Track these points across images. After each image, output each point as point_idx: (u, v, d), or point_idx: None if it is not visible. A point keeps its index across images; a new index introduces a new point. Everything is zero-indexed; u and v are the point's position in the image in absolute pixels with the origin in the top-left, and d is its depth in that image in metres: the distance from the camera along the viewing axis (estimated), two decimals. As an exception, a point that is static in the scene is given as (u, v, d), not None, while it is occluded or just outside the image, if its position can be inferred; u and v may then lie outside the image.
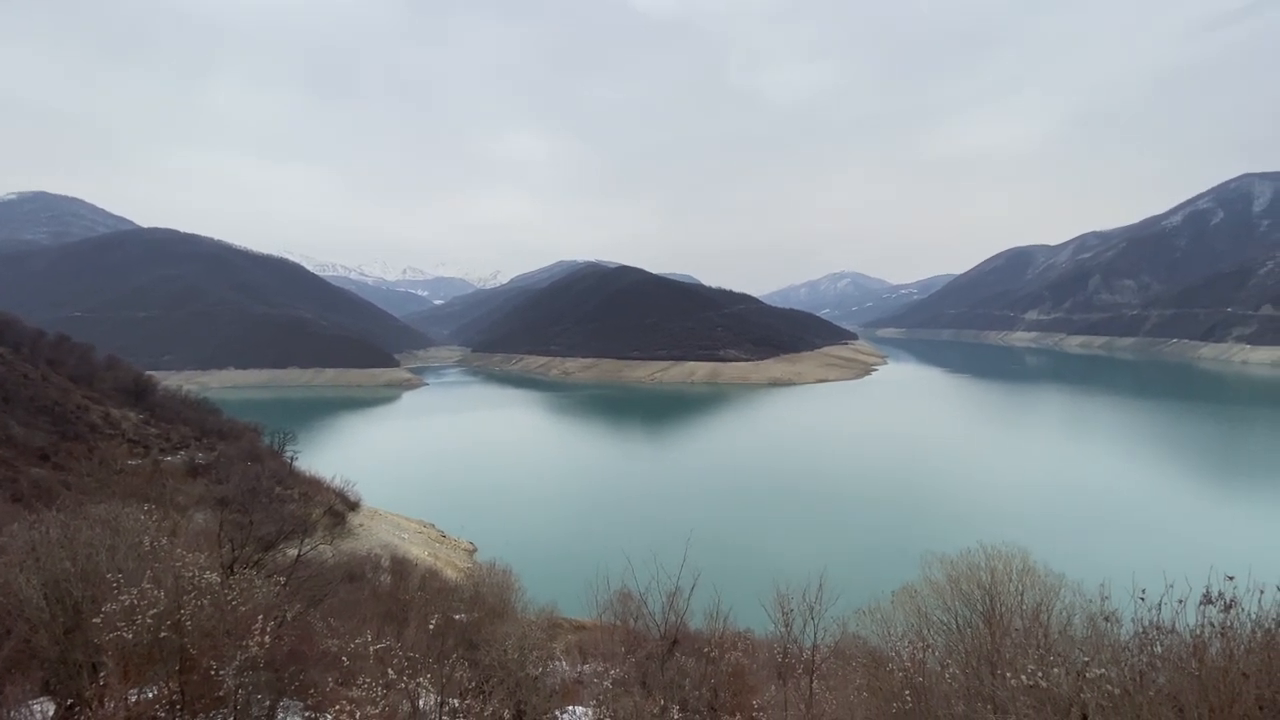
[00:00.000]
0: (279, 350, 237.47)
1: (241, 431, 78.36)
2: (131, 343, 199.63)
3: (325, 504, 59.00)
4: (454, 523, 72.72)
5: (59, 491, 35.02)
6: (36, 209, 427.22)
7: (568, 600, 33.71)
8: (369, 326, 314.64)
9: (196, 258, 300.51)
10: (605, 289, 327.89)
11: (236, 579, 10.40)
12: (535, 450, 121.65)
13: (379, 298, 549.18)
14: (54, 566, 9.77)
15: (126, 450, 61.36)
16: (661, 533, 54.56)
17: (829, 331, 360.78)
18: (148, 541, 10.98)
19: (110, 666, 8.20)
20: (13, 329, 77.85)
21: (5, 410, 59.25)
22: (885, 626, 14.82)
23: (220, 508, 33.70)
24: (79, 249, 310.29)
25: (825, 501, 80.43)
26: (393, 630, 14.86)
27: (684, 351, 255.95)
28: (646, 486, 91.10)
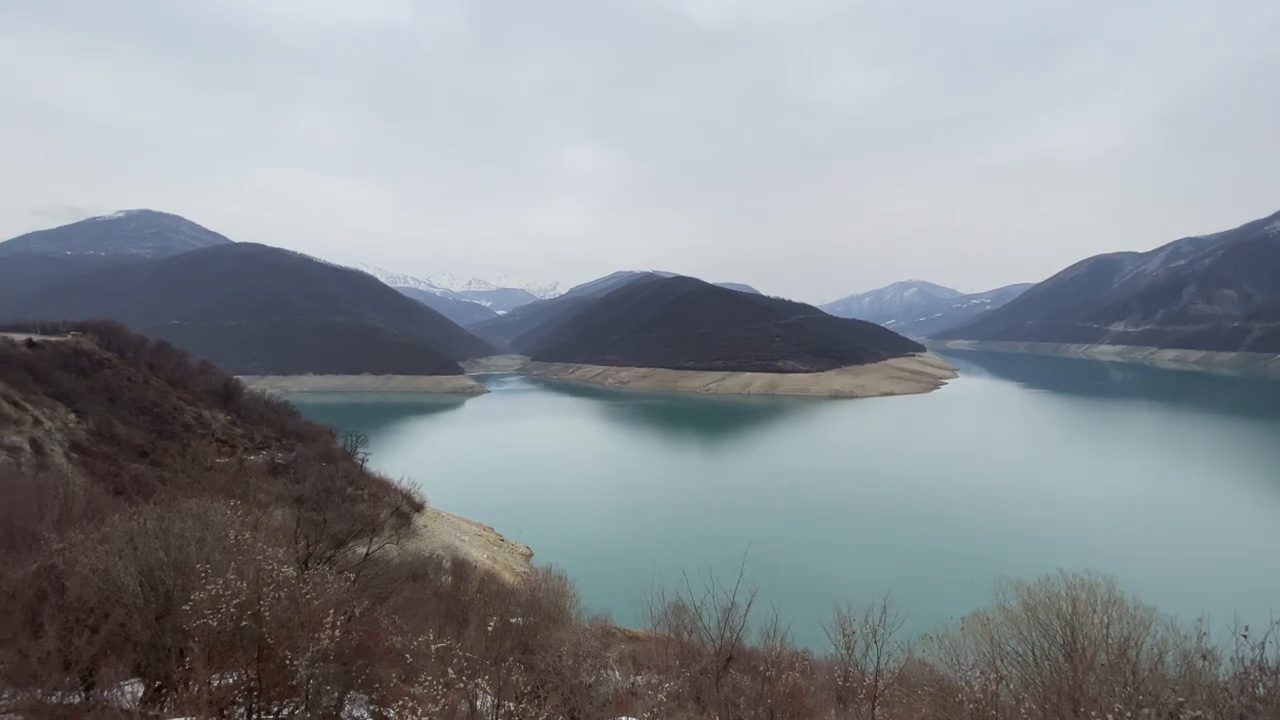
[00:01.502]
0: (354, 357, 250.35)
1: (318, 433, 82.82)
2: (222, 349, 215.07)
3: (392, 505, 61.41)
4: (511, 527, 74.20)
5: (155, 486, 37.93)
6: (142, 226, 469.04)
7: (621, 610, 33.68)
8: (436, 336, 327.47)
9: (281, 270, 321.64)
10: (661, 299, 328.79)
11: (310, 574, 10.95)
12: (590, 458, 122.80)
13: (446, 308, 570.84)
14: (149, 556, 10.57)
15: (215, 449, 65.92)
16: (717, 546, 53.79)
17: (894, 343, 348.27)
18: (232, 535, 11.73)
19: (196, 652, 8.77)
20: (119, 336, 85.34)
21: (111, 410, 64.90)
22: (954, 654, 14.04)
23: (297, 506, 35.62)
24: (178, 262, 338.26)
25: (890, 522, 77.29)
26: (453, 630, 15.25)
27: (740, 362, 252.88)
28: (701, 499, 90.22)
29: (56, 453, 53.13)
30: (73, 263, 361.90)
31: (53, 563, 11.10)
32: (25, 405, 56.29)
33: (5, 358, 61.67)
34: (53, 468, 48.09)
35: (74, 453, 54.73)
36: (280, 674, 9.08)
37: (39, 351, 67.44)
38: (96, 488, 38.17)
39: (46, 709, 7.19)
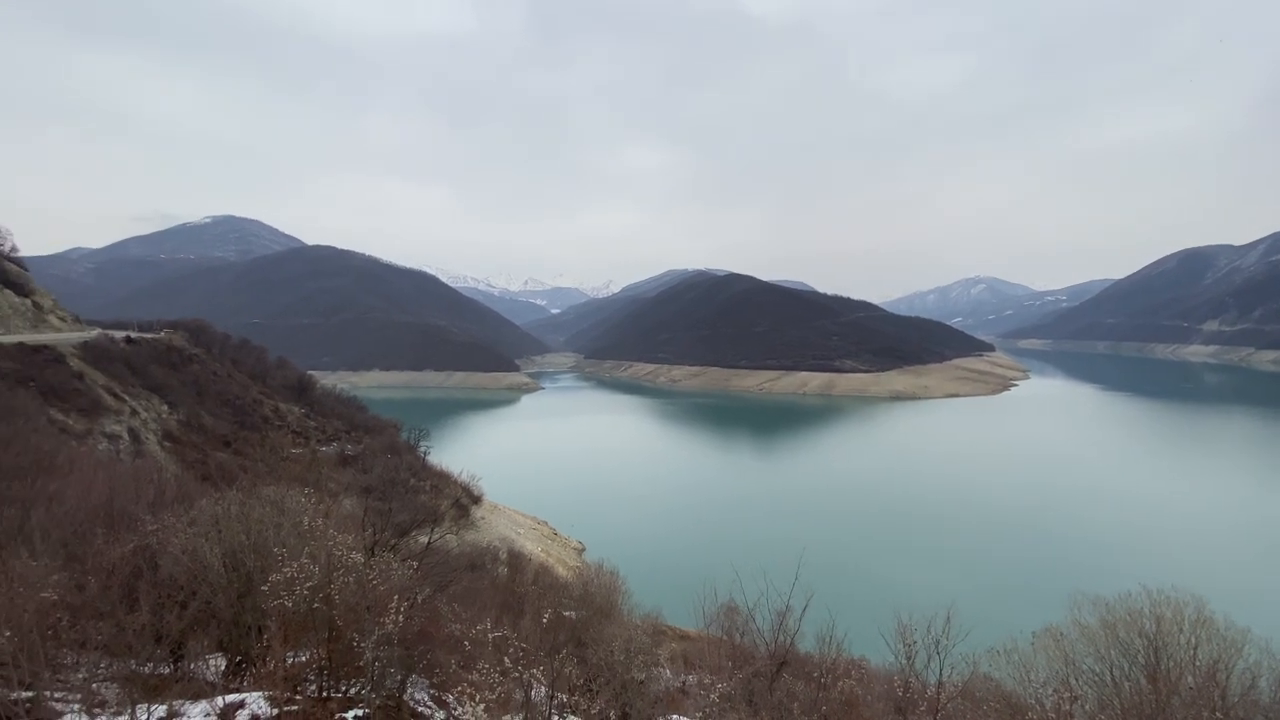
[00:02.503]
0: (417, 354, 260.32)
1: (383, 427, 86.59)
2: (297, 345, 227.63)
3: (452, 497, 63.50)
4: (564, 521, 75.44)
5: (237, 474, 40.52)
6: (226, 230, 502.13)
7: (672, 608, 33.68)
8: (494, 334, 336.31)
9: (350, 271, 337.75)
10: (714, 297, 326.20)
11: (376, 560, 11.47)
12: (641, 456, 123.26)
13: (503, 307, 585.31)
14: (232, 539, 11.33)
15: (290, 440, 69.89)
16: (770, 549, 53.04)
17: (961, 342, 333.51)
18: (306, 522, 12.42)
19: (273, 630, 9.34)
20: (206, 333, 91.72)
21: (199, 402, 69.82)
22: (1023, 670, 13.33)
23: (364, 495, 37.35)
24: (258, 264, 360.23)
25: (954, 529, 74.14)
26: (509, 620, 15.66)
27: (796, 361, 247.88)
28: (754, 500, 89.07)
29: (151, 441, 57.60)
30: (166, 265, 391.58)
31: (147, 542, 12.05)
32: (124, 397, 61.26)
33: (107, 353, 67.30)
34: (148, 455, 52.18)
35: (166, 441, 59.22)
36: (348, 655, 9.56)
37: (136, 347, 73.28)
38: (186, 474, 41.19)
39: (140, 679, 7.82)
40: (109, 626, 8.31)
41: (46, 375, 54.94)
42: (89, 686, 7.89)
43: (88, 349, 65.64)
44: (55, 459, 22.23)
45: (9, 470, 16.20)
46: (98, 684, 8.19)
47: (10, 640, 7.32)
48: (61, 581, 9.84)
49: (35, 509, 14.13)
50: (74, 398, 54.38)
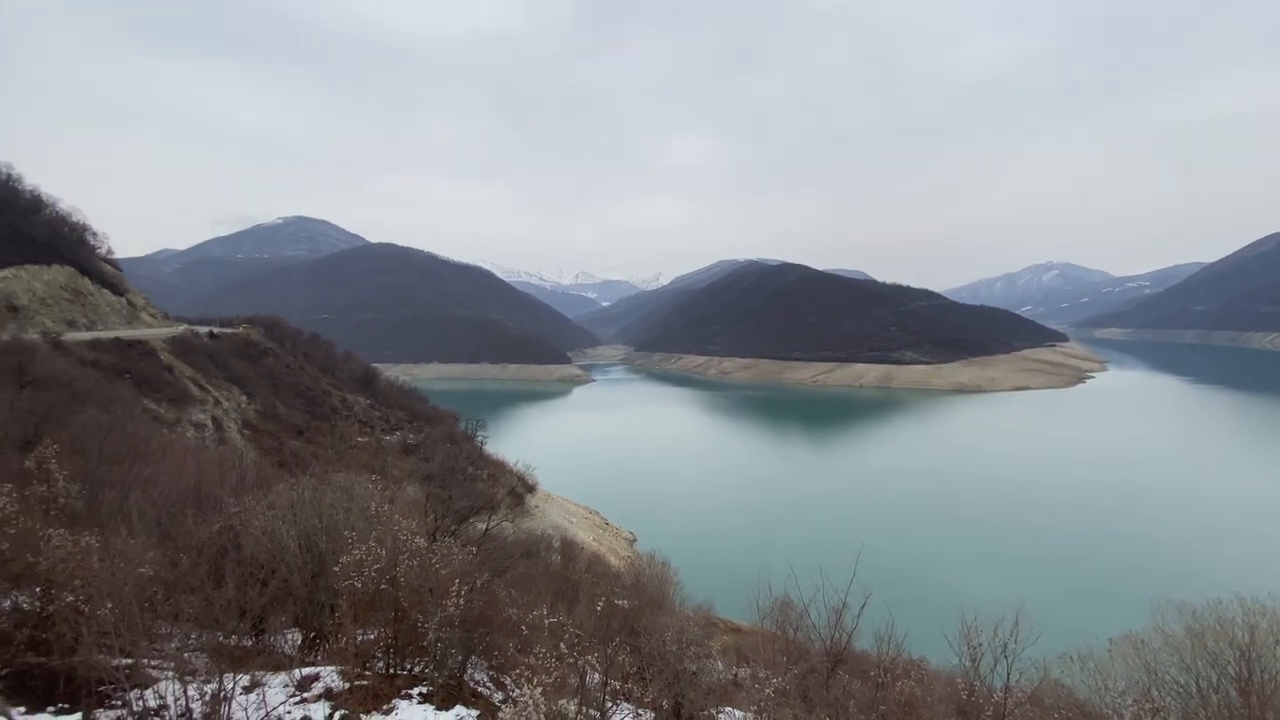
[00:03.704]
0: (474, 347, 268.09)
1: (443, 417, 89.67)
2: (362, 339, 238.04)
3: (508, 485, 65.25)
4: (615, 511, 76.27)
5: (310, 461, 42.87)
6: (297, 230, 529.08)
7: (723, 601, 33.57)
8: (546, 327, 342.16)
9: (411, 268, 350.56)
10: (765, 287, 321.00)
11: (438, 545, 11.93)
12: (691, 448, 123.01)
13: (555, 300, 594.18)
14: (306, 522, 12.01)
15: (357, 429, 73.31)
16: (826, 544, 52.14)
17: (1030, 331, 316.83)
18: (373, 507, 13.02)
19: (344, 609, 9.87)
20: (279, 328, 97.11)
21: (274, 393, 74.07)
22: (1099, 679, 12.62)
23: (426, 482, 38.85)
24: (326, 262, 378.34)
25: (1022, 529, 70.79)
26: (563, 607, 15.98)
27: (851, 352, 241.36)
28: (809, 494, 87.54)
29: (232, 429, 61.58)
30: (243, 265, 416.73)
31: (231, 524, 12.92)
32: (208, 388, 65.66)
33: (193, 347, 72.24)
34: (229, 442, 55.83)
35: (245, 429, 63.19)
36: (413, 635, 10.00)
37: (218, 342, 78.36)
38: (263, 460, 43.84)
39: (226, 650, 8.42)
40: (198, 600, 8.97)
41: (140, 368, 59.51)
42: (181, 656, 8.56)
43: (175, 343, 70.70)
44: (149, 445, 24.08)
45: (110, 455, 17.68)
46: (189, 653, 8.87)
47: (112, 611, 8.01)
48: (156, 558, 10.67)
49: (133, 491, 15.38)
50: (164, 388, 58.70)
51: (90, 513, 12.93)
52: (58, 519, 10.52)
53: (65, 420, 24.64)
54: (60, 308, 74.44)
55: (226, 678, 7.55)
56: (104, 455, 17.18)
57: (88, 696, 8.01)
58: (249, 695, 8.11)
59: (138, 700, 7.71)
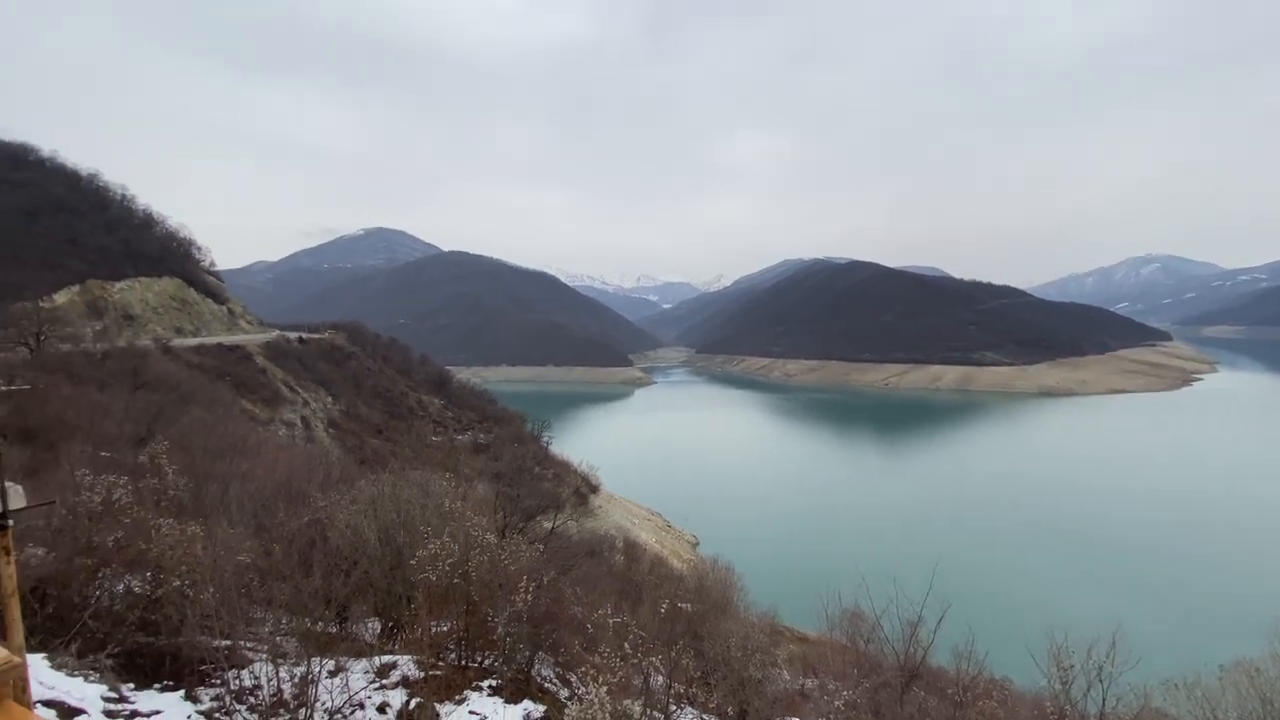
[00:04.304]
0: (541, 350, 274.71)
1: (511, 418, 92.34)
2: (436, 343, 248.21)
3: (573, 485, 66.34)
4: (678, 514, 76.01)
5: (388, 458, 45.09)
6: (376, 241, 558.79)
7: (789, 609, 32.76)
8: (609, 330, 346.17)
9: (481, 274, 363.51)
10: (833, 286, 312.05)
11: (507, 542, 12.29)
12: (755, 452, 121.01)
13: (617, 303, 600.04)
14: (385, 516, 12.64)
15: (432, 429, 76.53)
16: (900, 556, 50.10)
17: (1126, 330, 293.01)
18: (447, 504, 13.56)
19: (419, 600, 10.29)
20: (361, 334, 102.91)
21: (356, 394, 78.45)
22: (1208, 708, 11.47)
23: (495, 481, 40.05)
24: (403, 271, 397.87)
25: (1120, 545, 65.45)
26: (627, 608, 16.05)
27: (926, 354, 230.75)
28: (882, 502, 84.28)
29: (319, 428, 65.68)
30: (328, 274, 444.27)
31: (318, 517, 13.77)
32: (298, 389, 70.32)
33: (284, 351, 77.60)
34: (317, 440, 59.56)
35: (331, 428, 67.26)
36: (483, 628, 10.32)
37: (306, 347, 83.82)
38: (347, 458, 46.51)
39: (313, 636, 8.96)
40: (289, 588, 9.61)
41: (239, 371, 64.48)
42: (274, 639, 9.16)
43: (269, 348, 76.21)
44: (246, 442, 26.05)
45: (213, 451, 19.24)
46: (280, 637, 9.49)
47: (214, 596, 8.68)
48: (253, 547, 11.50)
49: (233, 485, 16.66)
50: (259, 390, 63.36)
51: (195, 504, 14.08)
52: (167, 510, 11.49)
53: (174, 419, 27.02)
54: (169, 316, 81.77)
55: (314, 662, 8.03)
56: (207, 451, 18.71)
57: (190, 675, 8.72)
58: (333, 679, 8.59)
59: (235, 680, 8.32)
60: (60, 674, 7.75)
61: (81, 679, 7.86)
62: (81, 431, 22.80)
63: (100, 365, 43.03)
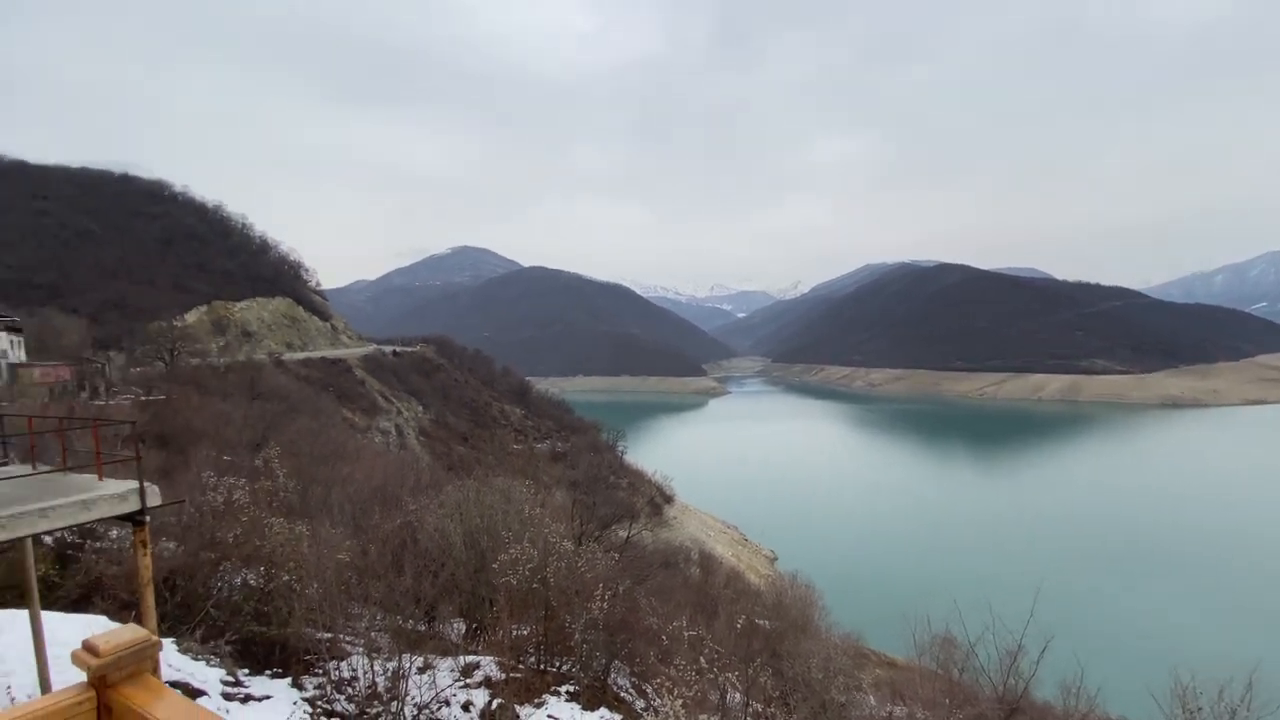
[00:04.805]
0: (616, 361, 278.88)
1: (587, 427, 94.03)
2: (518, 355, 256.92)
3: (647, 495, 66.54)
4: (755, 528, 74.34)
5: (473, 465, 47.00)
6: (462, 259, 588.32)
7: (874, 631, 31.25)
8: (682, 340, 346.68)
9: (560, 289, 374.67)
10: (919, 291, 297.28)
11: (584, 549, 12.51)
12: (836, 465, 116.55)
13: (690, 313, 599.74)
14: (470, 521, 13.19)
15: (513, 437, 79.16)
16: (997, 580, 46.84)
17: (1266, 333, 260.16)
18: (527, 510, 13.99)
19: (501, 604, 10.65)
20: (449, 347, 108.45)
21: (444, 404, 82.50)
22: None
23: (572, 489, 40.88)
24: (487, 287, 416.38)
25: (1258, 575, 57.88)
26: (702, 621, 15.88)
27: (1027, 361, 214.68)
28: (976, 523, 78.83)
29: (411, 436, 69.54)
30: (419, 292, 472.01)
31: (409, 520, 14.57)
32: (392, 399, 74.85)
33: (380, 364, 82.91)
34: (409, 447, 63.05)
35: (421, 436, 71.05)
36: (561, 634, 10.52)
37: (400, 360, 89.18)
38: (435, 464, 48.93)
39: (404, 633, 9.47)
40: (383, 586, 10.22)
41: (340, 382, 69.49)
42: (369, 634, 9.76)
43: (367, 361, 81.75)
44: (347, 448, 28.01)
45: (318, 457, 20.84)
46: (375, 633, 10.09)
47: (318, 591, 9.37)
48: (351, 547, 12.32)
49: (334, 488, 17.94)
50: (358, 400, 67.96)
51: (302, 505, 15.28)
52: (278, 510, 12.53)
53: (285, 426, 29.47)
54: (281, 332, 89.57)
55: (405, 658, 8.48)
56: (313, 456, 20.28)
57: (297, 664, 9.43)
58: (422, 675, 9.02)
59: (335, 671, 8.93)
60: (186, 658, 8.60)
61: (204, 663, 8.67)
62: (207, 437, 25.34)
63: (223, 377, 47.73)
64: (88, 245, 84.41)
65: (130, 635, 1.59)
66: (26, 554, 6.70)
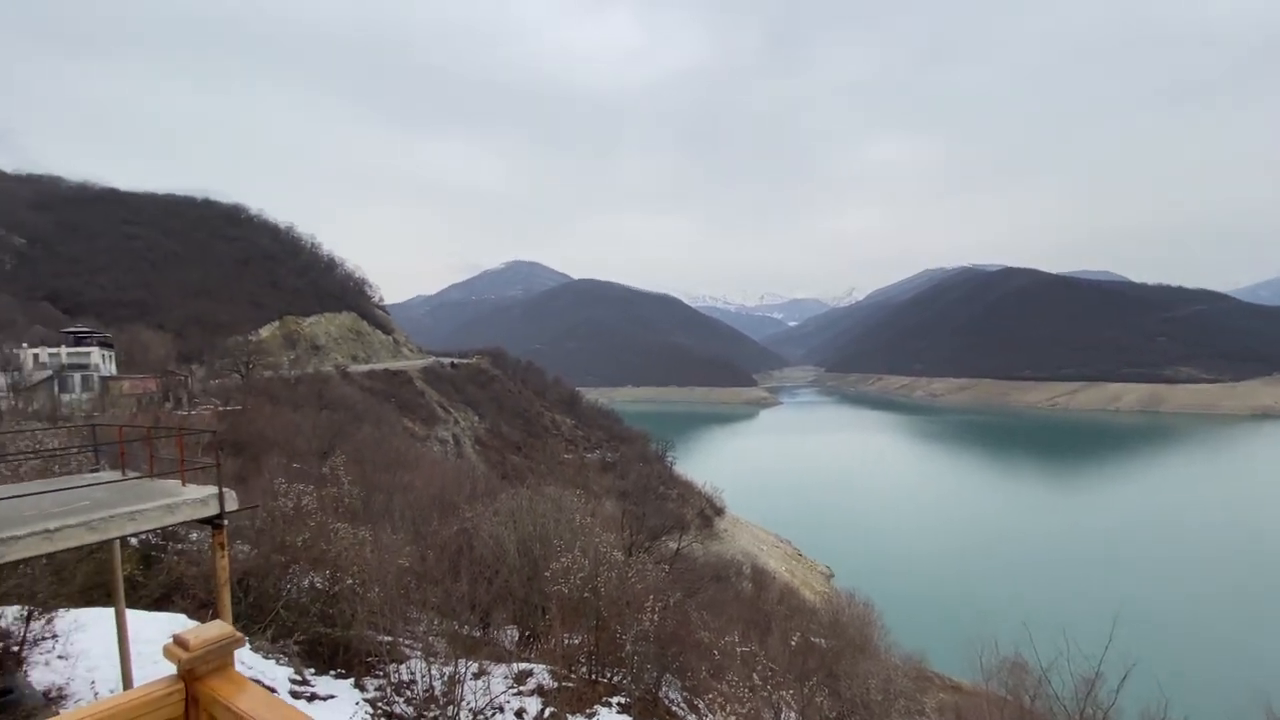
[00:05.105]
0: (663, 371, 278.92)
1: (635, 437, 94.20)
2: (567, 366, 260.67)
3: (697, 507, 65.95)
4: (809, 542, 72.45)
5: (526, 474, 47.86)
6: (515, 274, 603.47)
7: (936, 652, 29.89)
8: (731, 350, 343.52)
9: (608, 300, 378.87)
10: (983, 297, 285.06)
11: (634, 560, 12.52)
12: (896, 479, 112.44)
13: (740, 323, 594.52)
14: (524, 529, 13.43)
15: (563, 447, 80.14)
16: (1071, 601, 44.23)
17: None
18: (578, 519, 14.13)
19: (554, 612, 10.76)
20: (502, 358, 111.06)
21: (498, 414, 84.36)
22: None
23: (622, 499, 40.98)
24: (538, 299, 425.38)
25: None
26: (755, 636, 15.58)
27: (1102, 369, 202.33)
28: (1047, 542, 74.43)
29: (467, 445, 71.40)
30: (474, 306, 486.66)
31: (465, 527, 14.94)
32: (450, 409, 77.12)
33: (438, 375, 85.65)
34: (465, 456, 64.73)
35: (477, 445, 72.83)
36: (612, 645, 10.54)
37: (456, 371, 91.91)
38: (490, 472, 50.00)
39: (460, 638, 9.69)
40: (440, 592, 10.52)
41: (401, 393, 72.14)
42: (427, 639, 10.04)
43: (426, 373, 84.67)
44: (407, 456, 29.02)
45: (380, 465, 21.70)
46: (432, 637, 10.37)
47: (379, 595, 9.71)
48: (411, 553, 12.73)
49: (396, 495, 18.61)
50: (418, 410, 70.35)
51: (365, 511, 15.90)
52: (343, 515, 13.08)
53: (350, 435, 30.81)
54: (347, 345, 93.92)
55: (461, 663, 8.68)
56: (376, 464, 21.12)
57: (359, 665, 9.78)
58: (477, 681, 9.21)
59: (395, 673, 9.22)
60: (258, 656, 9.05)
61: (274, 661, 9.11)
62: (278, 445, 26.78)
63: (293, 389, 50.40)
64: (172, 266, 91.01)
65: (216, 631, 1.71)
66: (115, 555, 7.12)
